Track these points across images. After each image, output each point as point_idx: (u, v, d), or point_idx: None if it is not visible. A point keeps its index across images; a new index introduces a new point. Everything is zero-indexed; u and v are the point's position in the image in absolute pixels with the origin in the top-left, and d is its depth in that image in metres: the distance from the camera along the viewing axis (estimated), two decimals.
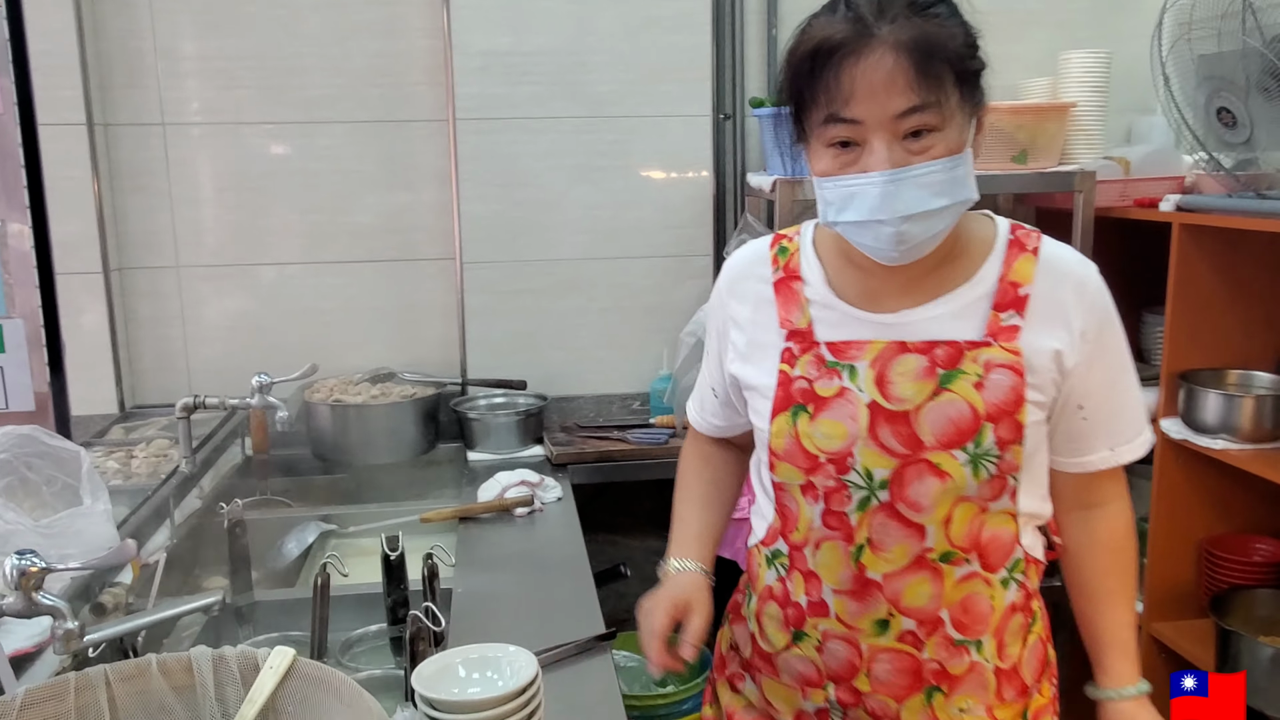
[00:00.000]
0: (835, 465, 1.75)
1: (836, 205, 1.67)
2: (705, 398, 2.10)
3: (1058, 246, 1.81)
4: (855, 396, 1.74)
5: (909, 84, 1.55)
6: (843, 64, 1.58)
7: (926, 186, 1.60)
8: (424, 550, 2.36)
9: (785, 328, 1.83)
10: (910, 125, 1.58)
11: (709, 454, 2.15)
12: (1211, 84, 3.06)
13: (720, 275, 2.00)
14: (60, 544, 2.05)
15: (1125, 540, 1.93)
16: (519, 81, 3.69)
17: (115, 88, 3.55)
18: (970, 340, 1.73)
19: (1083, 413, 1.80)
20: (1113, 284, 3.81)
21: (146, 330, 3.71)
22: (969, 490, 1.72)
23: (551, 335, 3.84)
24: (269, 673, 1.65)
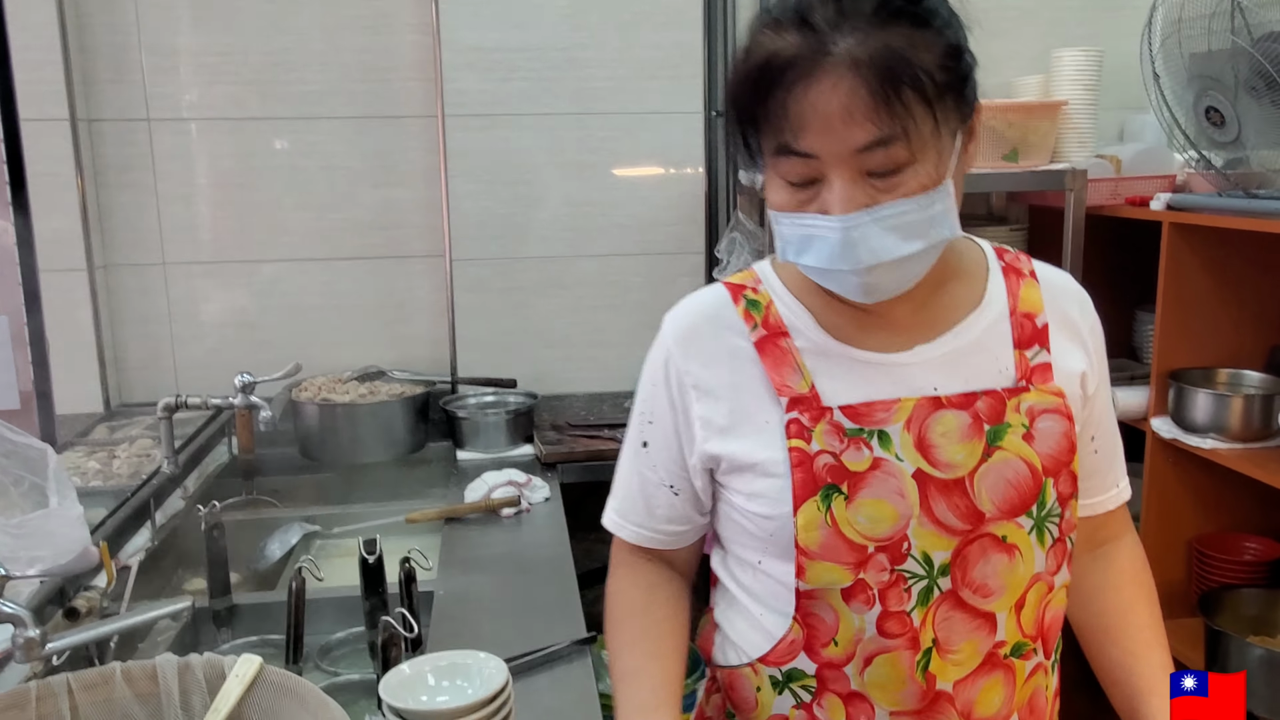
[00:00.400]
0: (889, 554, 1.47)
1: (795, 245, 1.44)
2: (655, 499, 1.68)
3: (1046, 267, 1.67)
4: (895, 467, 1.47)
5: (869, 113, 1.32)
6: (793, 89, 1.34)
7: (895, 229, 1.38)
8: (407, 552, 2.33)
9: (784, 394, 1.52)
10: (875, 161, 1.35)
11: (653, 584, 1.73)
12: (1200, 83, 3.05)
13: (661, 339, 1.66)
14: (29, 545, 2.02)
15: (1145, 573, 1.75)
16: (509, 77, 3.68)
17: (100, 83, 3.53)
18: (1009, 388, 1.53)
19: (1094, 444, 1.66)
20: (1105, 282, 3.82)
21: (133, 328, 3.69)
22: (1038, 564, 1.51)
23: (542, 333, 3.83)
24: (235, 681, 1.63)
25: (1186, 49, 3.09)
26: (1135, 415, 3.42)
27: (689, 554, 1.75)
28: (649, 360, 1.66)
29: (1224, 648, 3.02)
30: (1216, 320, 3.31)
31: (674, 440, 1.63)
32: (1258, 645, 2.97)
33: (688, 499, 1.66)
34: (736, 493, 1.58)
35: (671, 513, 1.67)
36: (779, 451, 1.50)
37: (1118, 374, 3.61)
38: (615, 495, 1.74)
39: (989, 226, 3.75)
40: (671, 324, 1.65)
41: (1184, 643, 3.22)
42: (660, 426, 1.65)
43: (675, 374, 1.61)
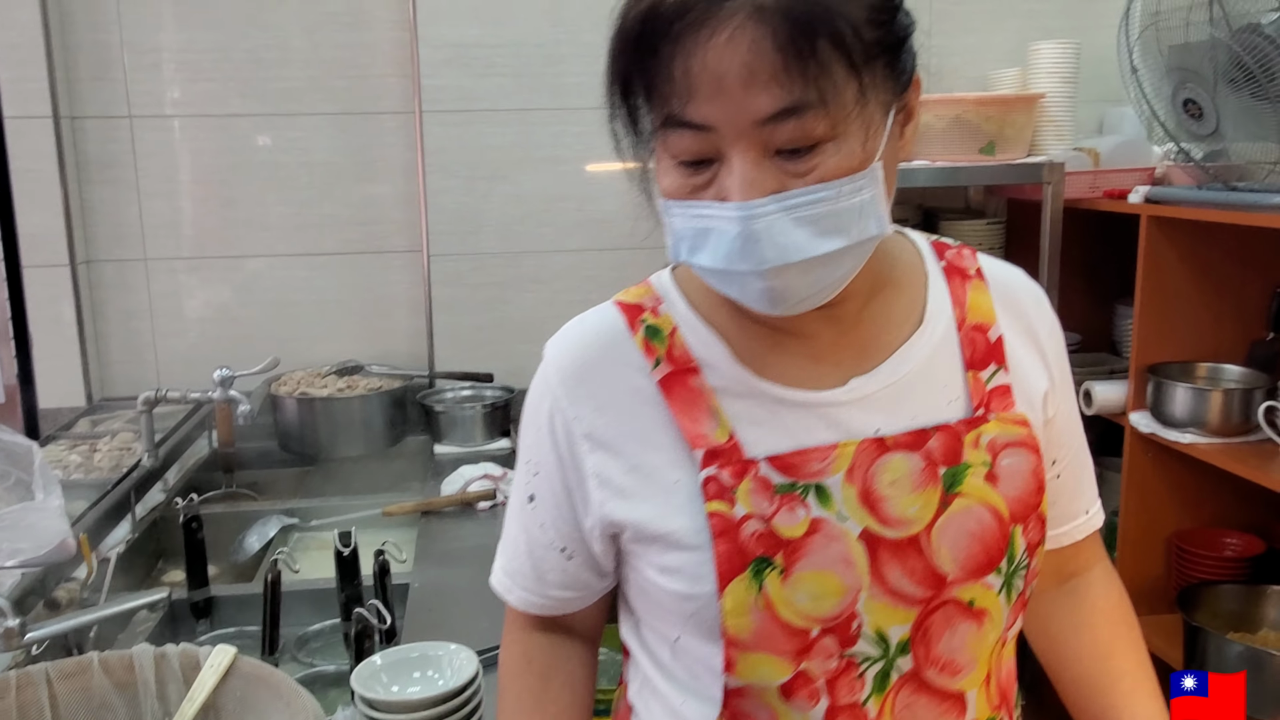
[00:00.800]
0: (837, 635, 1.21)
1: (688, 242, 1.17)
2: (545, 563, 1.38)
3: (993, 262, 1.42)
4: (838, 529, 1.21)
5: (776, 73, 1.06)
6: (681, 42, 1.07)
7: (809, 222, 1.11)
8: (382, 545, 2.36)
9: (698, 446, 1.23)
10: (784, 135, 1.09)
11: (548, 669, 1.45)
12: (1178, 75, 3.05)
13: (543, 376, 1.35)
14: (11, 538, 2.05)
15: (1124, 608, 1.52)
16: (485, 73, 3.69)
17: (82, 80, 3.54)
18: (965, 419, 1.28)
19: (1056, 469, 1.41)
20: (1084, 276, 3.85)
21: (115, 323, 3.70)
22: (1005, 625, 1.28)
23: (519, 328, 3.83)
24: (210, 671, 1.66)
25: (1164, 41, 3.08)
26: (1114, 410, 3.42)
27: (591, 614, 1.46)
28: (529, 397, 1.37)
29: (1202, 644, 3.01)
30: (1196, 314, 3.30)
31: (564, 498, 1.33)
32: (1236, 642, 2.97)
33: (584, 563, 1.37)
34: (648, 564, 1.29)
35: (564, 578, 1.39)
36: (695, 518, 1.22)
37: (1096, 368, 3.63)
38: (502, 551, 1.46)
39: (966, 220, 3.78)
40: (555, 359, 1.34)
41: (1163, 639, 3.22)
42: (547, 481, 1.35)
43: (562, 422, 1.31)
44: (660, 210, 1.20)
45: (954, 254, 1.39)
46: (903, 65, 1.18)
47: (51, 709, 1.62)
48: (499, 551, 1.46)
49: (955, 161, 3.40)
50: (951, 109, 3.36)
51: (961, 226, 3.74)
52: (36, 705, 1.61)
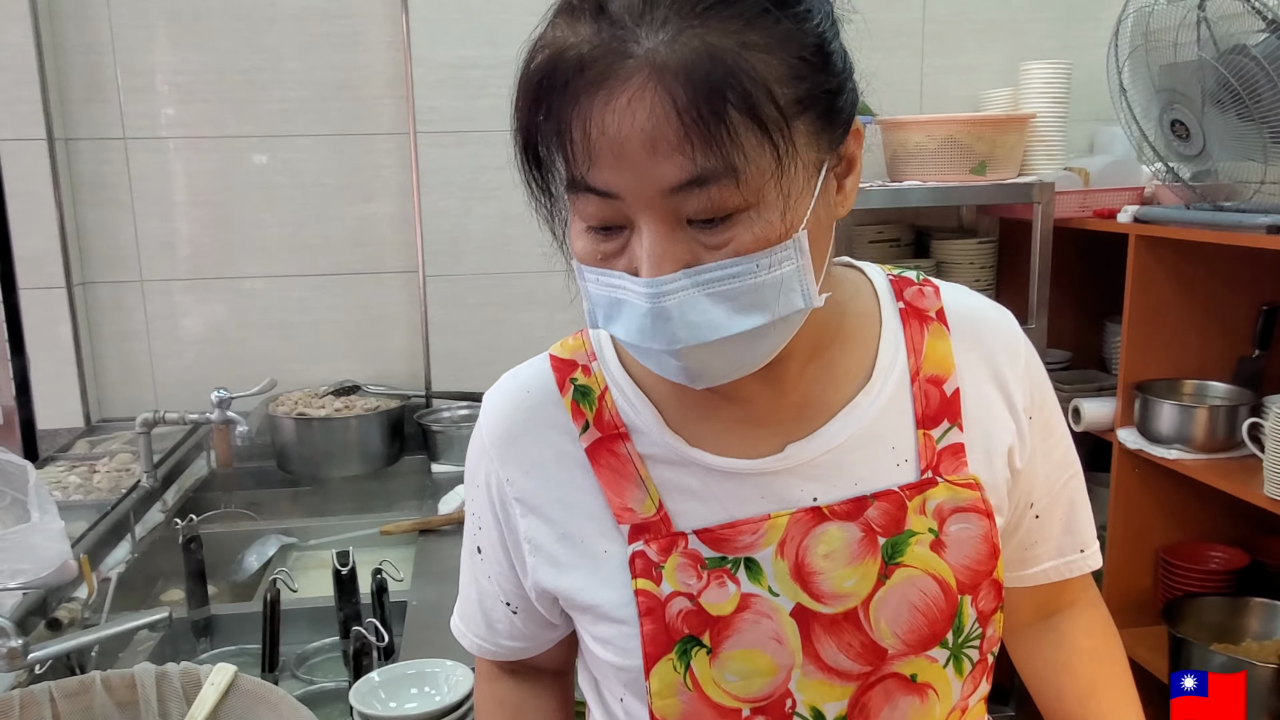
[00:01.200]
0: (768, 716, 1.17)
1: (604, 310, 1.09)
2: (493, 614, 1.37)
3: (959, 296, 1.31)
4: (769, 604, 1.16)
5: (678, 142, 0.95)
6: (579, 103, 0.98)
7: (725, 298, 1.02)
8: (379, 563, 2.37)
9: (625, 520, 1.19)
10: (694, 206, 0.99)
11: (520, 705, 1.45)
12: (1166, 96, 3.08)
13: (478, 433, 1.31)
14: (11, 559, 2.06)
15: (1106, 642, 1.45)
16: (480, 94, 3.70)
17: (76, 102, 3.56)
18: (908, 484, 1.20)
19: (1034, 510, 1.34)
20: (1073, 294, 3.87)
21: (112, 344, 3.71)
22: (955, 697, 1.21)
23: (515, 348, 3.75)
24: (210, 689, 1.67)
25: (1153, 62, 3.10)
26: (1103, 426, 3.45)
27: (555, 651, 1.41)
28: (471, 451, 1.34)
29: (1187, 655, 3.05)
30: (1183, 332, 3.34)
31: (504, 558, 1.31)
32: (1220, 653, 3.01)
33: (529, 618, 1.34)
34: (584, 630, 1.27)
35: (513, 630, 1.36)
36: (622, 590, 1.18)
37: (1085, 385, 3.67)
38: (460, 596, 1.44)
39: (959, 239, 3.80)
40: (488, 417, 1.30)
41: (1149, 650, 3.27)
42: (488, 538, 1.32)
43: (496, 483, 1.28)
44: (575, 274, 1.12)
45: (913, 293, 1.29)
46: (837, 117, 1.08)
47: None
48: (459, 597, 1.44)
49: (947, 181, 3.42)
50: (943, 129, 3.39)
51: (953, 246, 3.77)
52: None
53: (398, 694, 1.82)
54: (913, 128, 3.43)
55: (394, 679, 1.84)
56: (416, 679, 1.84)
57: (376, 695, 1.80)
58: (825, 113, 1.04)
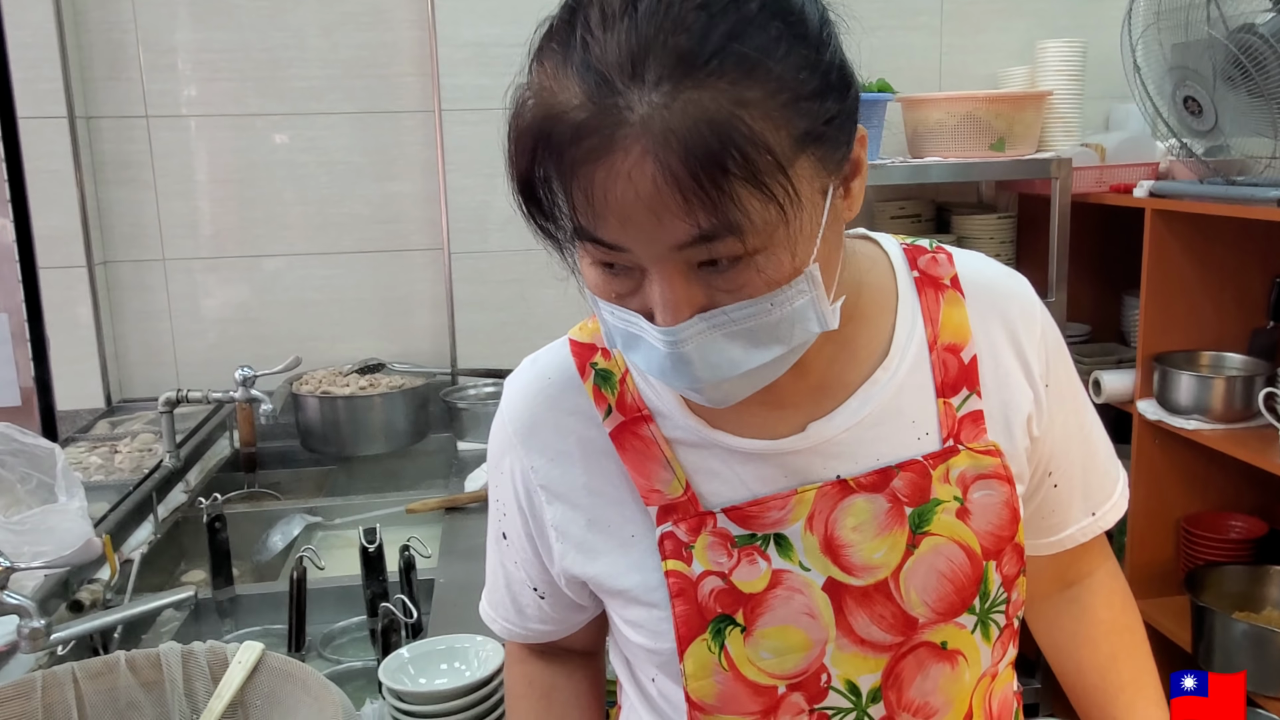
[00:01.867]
0: (805, 691, 1.17)
1: (622, 339, 1.09)
2: (521, 599, 1.38)
3: (974, 262, 1.31)
4: (800, 579, 1.16)
5: (681, 208, 0.94)
6: (578, 172, 0.96)
7: (739, 337, 1.03)
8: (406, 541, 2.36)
9: (653, 502, 1.20)
10: (703, 257, 0.99)
11: (549, 689, 1.45)
12: (1179, 73, 3.11)
13: (501, 419, 1.31)
14: (33, 540, 2.06)
15: (1126, 614, 1.47)
16: (505, 72, 3.59)
17: (97, 80, 3.56)
18: (930, 453, 1.20)
19: (1053, 479, 1.34)
20: (1092, 267, 3.88)
21: (133, 324, 3.72)
22: (985, 664, 1.23)
23: (540, 324, 3.83)
24: (237, 667, 1.67)
25: (1166, 40, 3.14)
26: (1123, 398, 3.49)
27: (585, 632, 1.43)
28: (492, 438, 1.34)
29: (1209, 624, 3.07)
30: (1199, 304, 3.37)
31: (529, 545, 1.32)
32: (1242, 621, 3.04)
33: (557, 603, 1.35)
34: (615, 615, 1.28)
35: (541, 614, 1.38)
36: (653, 574, 1.19)
37: (1105, 358, 3.70)
38: (488, 581, 1.45)
39: (979, 214, 3.82)
40: (510, 403, 1.30)
41: (1171, 620, 3.32)
42: (513, 525, 1.33)
43: (520, 470, 1.28)
44: (589, 300, 1.10)
45: (927, 261, 1.29)
46: (840, 138, 1.05)
47: (78, 709, 1.62)
48: (486, 583, 1.45)
49: (966, 158, 3.46)
50: (962, 106, 3.41)
51: (974, 221, 3.78)
52: (63, 705, 1.61)
53: (427, 670, 1.81)
54: (932, 105, 3.45)
55: (423, 655, 1.84)
56: (446, 655, 1.84)
57: (406, 671, 1.80)
58: (828, 142, 1.02)
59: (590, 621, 1.40)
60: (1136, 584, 3.43)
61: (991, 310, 1.27)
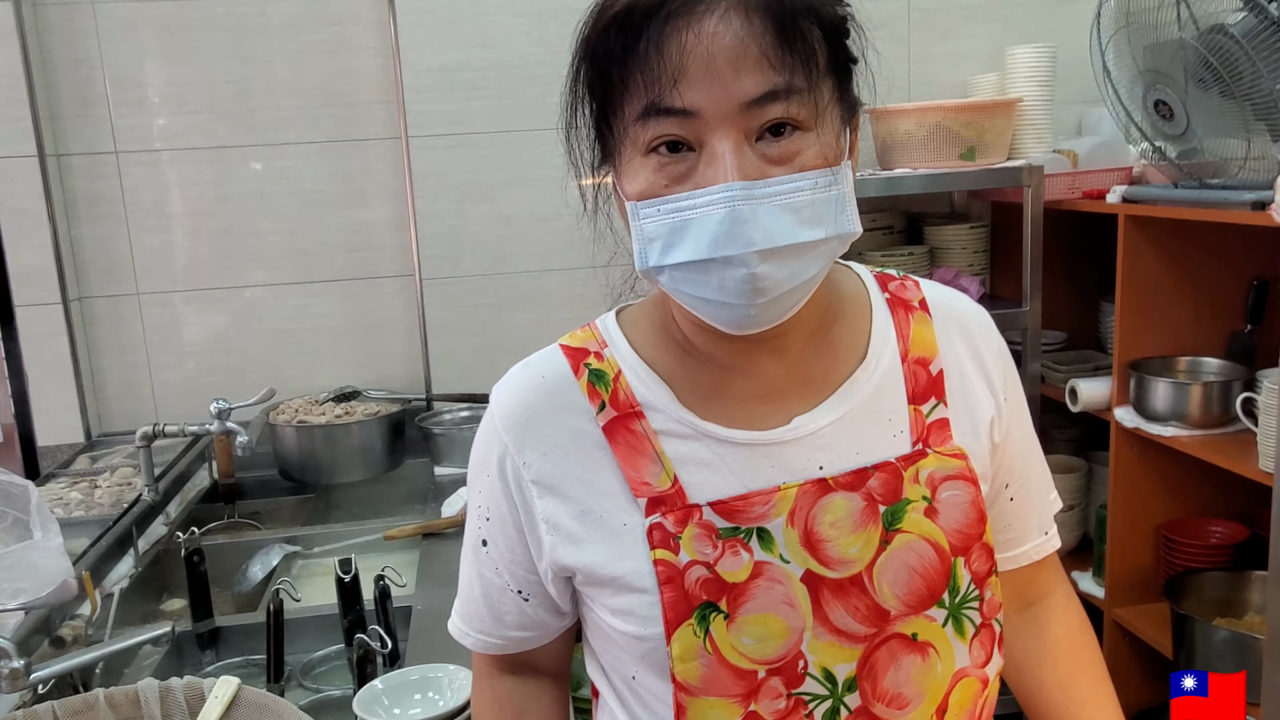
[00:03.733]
0: (783, 677, 1.22)
1: (662, 241, 1.15)
2: (501, 606, 1.40)
3: (938, 289, 1.41)
4: (780, 571, 1.22)
5: (766, 56, 1.09)
6: (666, 29, 1.09)
7: (793, 209, 1.12)
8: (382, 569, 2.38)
9: (642, 494, 1.25)
10: (769, 117, 1.11)
11: (520, 709, 1.48)
12: (1149, 76, 3.09)
13: (489, 422, 1.36)
14: (13, 578, 2.06)
15: (1084, 633, 1.53)
16: (470, 96, 3.71)
17: (66, 118, 3.57)
18: (902, 455, 1.28)
19: (1009, 492, 1.42)
20: (1067, 275, 3.89)
21: (110, 358, 3.72)
22: (959, 659, 1.28)
23: (514, 348, 3.75)
24: (214, 702, 1.68)
25: (1136, 42, 3.12)
26: (1099, 406, 3.47)
27: (556, 648, 1.47)
28: (478, 444, 1.38)
29: (1190, 631, 3.07)
30: (1175, 309, 3.35)
31: (517, 541, 1.35)
32: (1223, 627, 3.03)
33: (540, 604, 1.38)
34: (601, 606, 1.30)
35: (522, 619, 1.40)
36: (643, 561, 1.24)
37: (1082, 365, 3.69)
38: (459, 596, 1.47)
39: (951, 225, 3.82)
40: (501, 405, 1.34)
41: (1152, 627, 3.30)
42: (500, 525, 1.36)
43: (511, 467, 1.32)
44: (629, 215, 1.19)
45: (897, 285, 1.39)
46: (851, 87, 1.21)
47: None
48: (457, 597, 1.47)
49: (937, 168, 3.45)
50: (931, 116, 3.41)
51: (946, 231, 3.79)
52: None
53: (401, 700, 1.83)
54: (902, 116, 3.45)
55: (397, 685, 1.86)
56: (420, 684, 1.86)
57: (380, 702, 1.81)
58: (849, 79, 1.21)
59: (562, 634, 1.44)
60: (1116, 592, 3.43)
61: (956, 328, 1.37)
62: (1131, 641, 3.40)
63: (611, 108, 1.17)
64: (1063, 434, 4.01)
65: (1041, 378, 3.60)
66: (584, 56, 1.18)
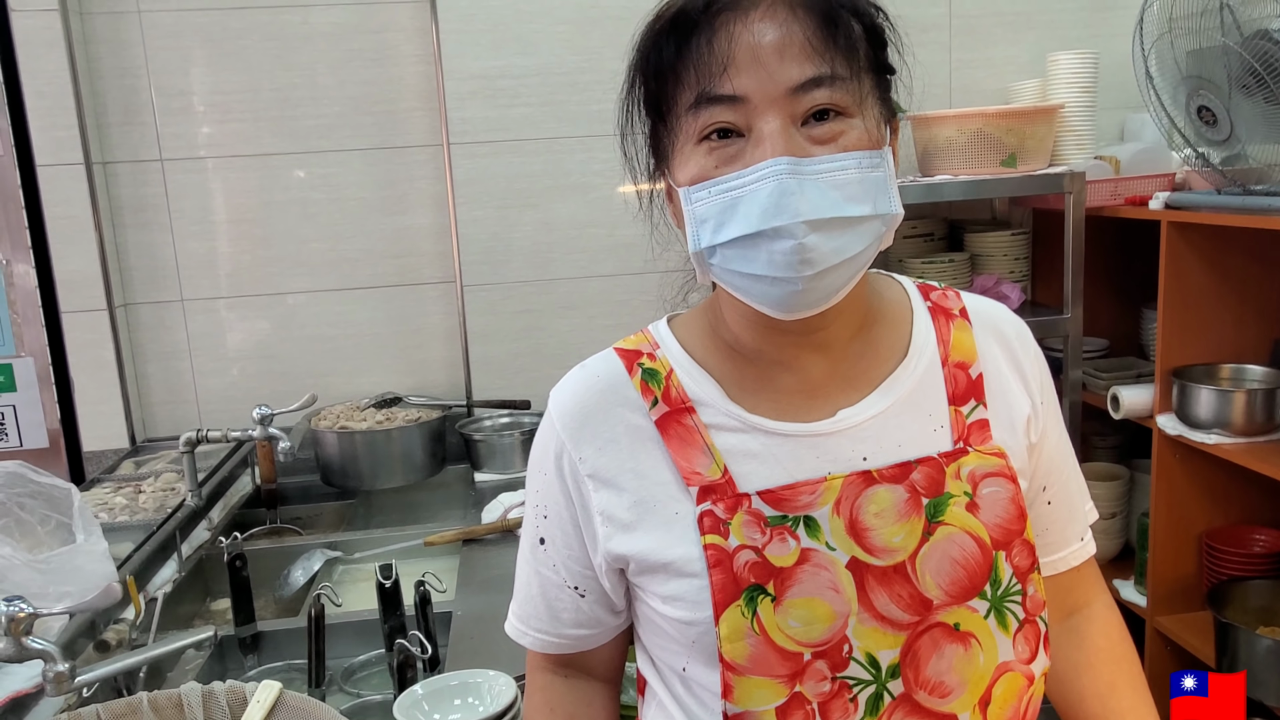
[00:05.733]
0: (828, 660, 1.25)
1: (713, 221, 1.22)
2: (558, 603, 1.44)
3: (977, 299, 1.46)
4: (826, 557, 1.26)
5: (810, 45, 1.18)
6: (715, 24, 1.19)
7: (838, 186, 1.19)
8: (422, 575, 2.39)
9: (693, 483, 1.30)
10: (814, 102, 1.18)
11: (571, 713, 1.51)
12: (1192, 82, 3.08)
13: (548, 423, 1.41)
14: (57, 581, 2.09)
15: (1124, 644, 1.54)
16: (511, 104, 3.72)
17: (112, 126, 3.60)
18: (944, 451, 1.32)
19: (1047, 495, 1.46)
20: (1109, 282, 3.87)
21: (155, 364, 3.76)
22: (1003, 652, 1.30)
23: (554, 354, 3.86)
24: (256, 707, 1.69)
25: (1179, 48, 3.11)
26: (1142, 413, 3.46)
27: (610, 652, 1.51)
28: (537, 445, 1.44)
29: (1233, 640, 3.05)
30: (1218, 316, 3.33)
31: (574, 537, 1.40)
32: (1266, 636, 3.01)
33: (596, 600, 1.43)
34: (652, 595, 1.35)
35: (578, 616, 1.44)
36: (694, 547, 1.28)
37: (1124, 373, 3.67)
38: (516, 597, 1.51)
39: (992, 231, 3.80)
40: (558, 404, 1.40)
41: (1197, 636, 3.28)
42: (557, 522, 1.41)
43: (568, 463, 1.37)
44: (682, 201, 1.25)
45: (939, 295, 1.45)
46: (889, 91, 1.29)
47: None
48: (513, 598, 1.51)
49: (978, 175, 3.44)
50: (973, 123, 3.40)
51: (987, 238, 3.78)
52: None
53: (441, 706, 1.84)
54: (943, 122, 3.44)
55: (437, 691, 1.86)
56: (460, 690, 1.86)
57: (420, 708, 1.82)
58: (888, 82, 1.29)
59: (616, 639, 1.49)
60: (1158, 600, 3.42)
61: (994, 335, 1.42)
62: (1174, 650, 3.38)
63: (666, 104, 1.26)
64: (1104, 441, 3.99)
65: (1083, 385, 3.58)
66: (639, 63, 1.28)
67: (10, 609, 1.76)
